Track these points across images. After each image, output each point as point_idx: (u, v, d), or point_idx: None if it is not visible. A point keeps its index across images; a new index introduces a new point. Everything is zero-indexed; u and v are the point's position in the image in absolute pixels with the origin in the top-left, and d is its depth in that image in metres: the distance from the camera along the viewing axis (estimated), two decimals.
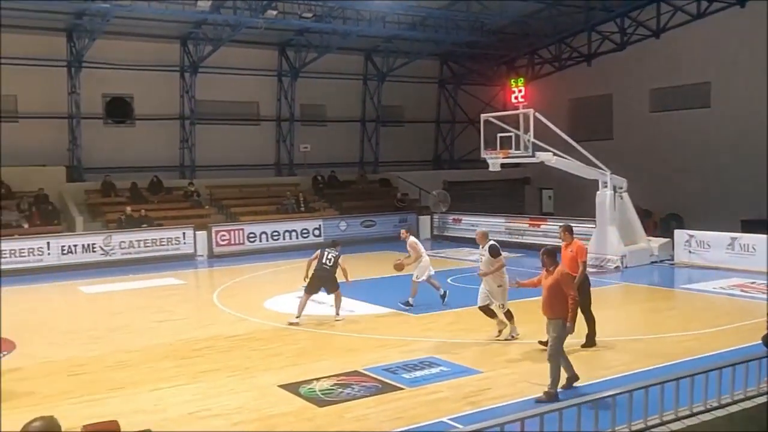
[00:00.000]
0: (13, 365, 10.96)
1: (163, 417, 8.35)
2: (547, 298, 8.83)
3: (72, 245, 22.49)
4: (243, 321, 13.88)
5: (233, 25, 26.05)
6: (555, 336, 8.68)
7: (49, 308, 16.65)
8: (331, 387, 9.35)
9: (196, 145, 29.59)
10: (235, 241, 25.13)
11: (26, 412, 7.09)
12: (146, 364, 10.87)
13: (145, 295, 17.54)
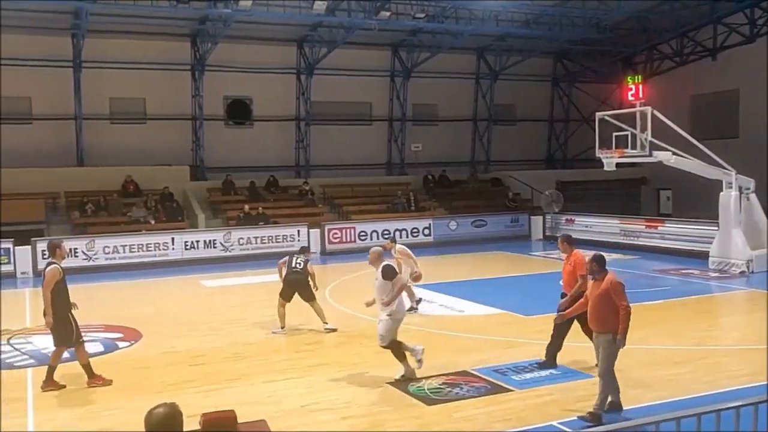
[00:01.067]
0: (139, 354, 11.62)
1: (277, 408, 8.62)
2: (595, 310, 8.10)
3: (194, 241, 23.55)
4: (354, 317, 14.10)
5: (347, 27, 26.55)
6: (607, 353, 7.95)
7: (173, 300, 17.51)
8: (439, 386, 9.37)
9: (311, 145, 30.35)
10: (346, 239, 25.58)
11: (150, 399, 7.49)
12: (261, 356, 11.24)
13: (260, 289, 18.11)
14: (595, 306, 8.12)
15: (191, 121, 28.57)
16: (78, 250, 21.99)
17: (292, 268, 13.08)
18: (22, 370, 10.82)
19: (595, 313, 8.11)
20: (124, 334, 13.04)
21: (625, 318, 7.84)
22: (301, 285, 12.96)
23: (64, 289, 9.70)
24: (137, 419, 4.01)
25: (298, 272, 13.00)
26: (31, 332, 13.36)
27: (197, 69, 28.03)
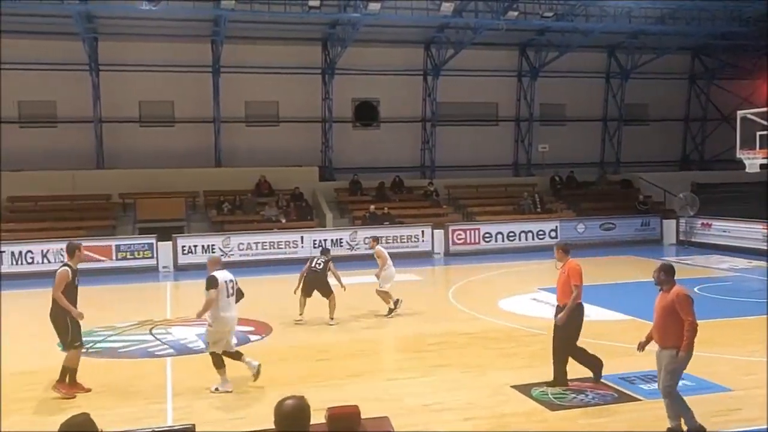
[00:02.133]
0: (269, 348, 12.11)
1: (399, 406, 8.75)
2: (660, 322, 7.60)
3: (322, 239, 24.18)
4: (477, 319, 14.08)
5: (475, 28, 26.45)
6: (669, 370, 7.48)
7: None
8: (563, 392, 9.22)
9: (437, 146, 30.47)
10: (471, 241, 25.50)
11: (279, 391, 7.81)
12: (384, 354, 11.46)
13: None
14: (659, 319, 7.65)
15: (321, 123, 29.40)
16: (215, 247, 23.15)
17: (311, 267, 14.28)
18: (163, 359, 11.52)
19: (659, 326, 7.64)
20: (255, 327, 13.62)
21: (690, 333, 7.36)
22: (319, 283, 14.07)
23: (73, 291, 9.77)
24: (267, 410, 4.21)
25: (316, 271, 14.16)
26: (171, 323, 14.21)
27: (327, 72, 28.81)
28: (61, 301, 9.54)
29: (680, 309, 7.42)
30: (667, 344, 7.53)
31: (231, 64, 27.32)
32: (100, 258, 22.16)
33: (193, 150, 27.69)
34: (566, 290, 9.39)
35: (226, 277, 9.98)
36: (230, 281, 9.96)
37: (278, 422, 4.13)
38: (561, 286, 9.50)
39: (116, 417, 8.19)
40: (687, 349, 7.41)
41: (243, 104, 28.62)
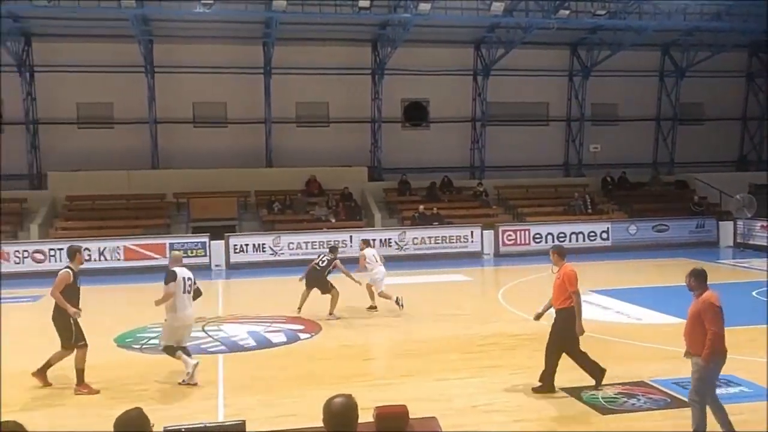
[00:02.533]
0: (318, 346, 12.22)
1: (448, 406, 8.74)
2: (689, 328, 7.45)
3: (371, 239, 24.20)
4: (527, 321, 13.93)
5: (525, 28, 26.23)
6: (695, 377, 7.35)
7: (350, 296, 18.16)
8: (614, 396, 9.08)
9: (486, 146, 30.30)
10: (520, 241, 25.30)
11: (327, 389, 7.88)
12: (433, 354, 11.43)
13: (434, 289, 18.42)
14: (687, 325, 7.51)
15: (370, 124, 29.52)
16: (265, 246, 23.46)
17: (314, 264, 15.00)
18: (214, 355, 11.72)
19: (688, 332, 7.50)
20: (305, 326, 13.76)
21: (711, 343, 7.15)
22: (318, 280, 14.69)
23: (74, 292, 9.91)
24: (316, 408, 4.26)
25: (317, 269, 14.81)
26: (223, 320, 14.44)
27: (377, 73, 28.91)
28: (60, 301, 9.74)
29: (704, 317, 7.26)
30: (695, 351, 7.38)
31: (282, 66, 27.63)
32: (154, 256, 22.66)
33: (245, 150, 28.10)
34: (560, 295, 9.34)
35: (185, 274, 10.13)
36: (188, 279, 10.11)
37: (327, 420, 4.17)
38: (556, 291, 9.44)
39: (168, 412, 8.37)
40: (707, 359, 7.21)
41: (294, 105, 28.93)
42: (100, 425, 7.66)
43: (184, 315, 10.03)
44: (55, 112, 27.19)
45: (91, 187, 26.07)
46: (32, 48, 26.70)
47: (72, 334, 9.84)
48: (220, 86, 27.74)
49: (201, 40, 26.90)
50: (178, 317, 9.98)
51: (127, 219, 25.37)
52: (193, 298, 10.21)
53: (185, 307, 10.03)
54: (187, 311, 10.09)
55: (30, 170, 27.18)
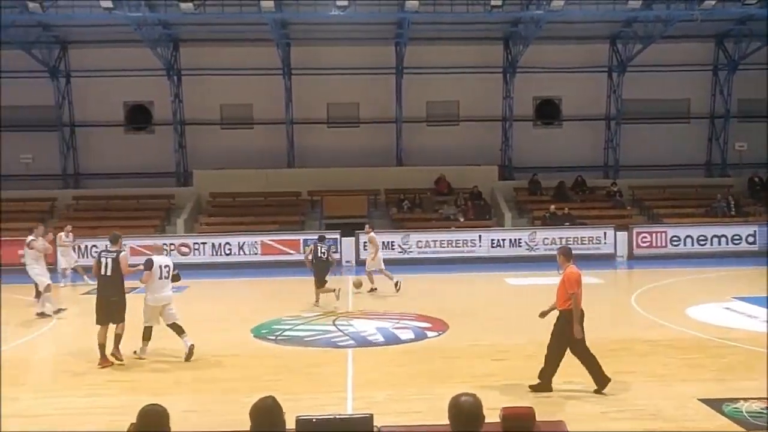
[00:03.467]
0: (446, 345, 12.28)
1: (577, 411, 8.56)
2: None
3: (500, 239, 24.13)
4: (662, 327, 13.41)
5: (666, 20, 25.13)
6: None
7: (478, 296, 18.14)
8: (761, 410, 8.54)
9: (621, 145, 29.30)
10: (656, 244, 24.30)
11: (455, 388, 7.90)
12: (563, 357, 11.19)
13: None
14: None
15: (501, 122, 29.26)
16: (394, 244, 23.79)
17: (318, 255, 16.03)
18: (344, 349, 12.02)
19: None
20: (432, 324, 13.85)
21: None
22: (324, 269, 15.96)
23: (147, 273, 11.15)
24: (443, 405, 4.32)
25: (322, 260, 16.01)
26: (352, 316, 14.79)
27: (509, 71, 28.63)
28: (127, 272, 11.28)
29: None
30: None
31: (413, 65, 27.91)
32: (289, 251, 23.52)
33: (376, 149, 28.61)
34: (562, 296, 9.38)
35: (163, 261, 11.39)
36: (166, 266, 11.34)
37: (453, 419, 4.22)
38: (558, 292, 9.47)
39: (299, 402, 8.67)
40: None
41: (424, 104, 29.16)
42: (238, 411, 8.07)
43: (160, 296, 11.25)
44: (200, 113, 28.81)
45: (232, 184, 27.44)
46: (179, 53, 28.39)
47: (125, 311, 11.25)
48: (352, 87, 28.41)
49: (335, 42, 27.63)
50: (154, 298, 11.24)
51: (265, 215, 26.46)
52: (171, 281, 11.41)
53: (162, 290, 11.26)
54: (164, 293, 11.31)
55: (177, 168, 28.97)
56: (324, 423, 4.81)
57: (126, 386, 9.91)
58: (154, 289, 11.22)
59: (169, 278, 11.38)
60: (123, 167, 28.53)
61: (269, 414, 4.31)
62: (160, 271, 11.22)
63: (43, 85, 28.21)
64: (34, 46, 26.60)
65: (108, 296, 11.12)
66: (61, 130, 28.76)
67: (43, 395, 9.54)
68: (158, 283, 11.20)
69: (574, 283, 9.26)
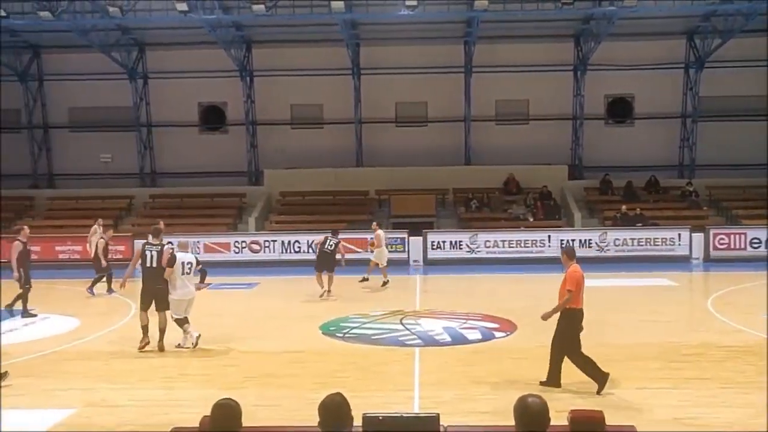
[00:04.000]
0: (514, 345, 12.18)
1: (648, 418, 8.36)
2: None
3: (570, 239, 23.70)
4: (739, 332, 12.98)
5: (747, 14, 24.22)
6: None
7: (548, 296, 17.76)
8: None
9: (697, 144, 28.44)
10: (735, 246, 23.50)
11: (523, 389, 7.85)
12: (633, 361, 10.97)
13: (635, 293, 17.64)
14: None
15: (571, 121, 28.79)
16: (462, 243, 23.71)
17: (324, 248, 17.33)
18: (411, 348, 12.05)
19: None
20: (500, 324, 13.76)
21: None
22: (329, 261, 17.20)
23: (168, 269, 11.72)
24: (510, 407, 4.30)
25: (327, 252, 17.24)
26: (419, 315, 14.81)
27: (579, 69, 28.15)
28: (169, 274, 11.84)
29: None
30: None
31: (482, 64, 27.75)
32: (357, 249, 23.68)
33: (444, 148, 28.57)
34: (561, 294, 9.49)
35: (185, 258, 11.83)
36: (188, 263, 11.79)
37: (519, 420, 4.20)
38: (560, 290, 9.56)
39: (366, 400, 8.75)
40: None
41: (493, 103, 28.97)
42: (305, 407, 8.21)
43: (183, 292, 11.72)
44: (271, 113, 29.33)
45: (302, 183, 27.85)
46: (252, 54, 28.96)
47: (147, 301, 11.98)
48: (421, 86, 28.44)
49: (404, 42, 27.71)
50: (177, 293, 11.71)
51: (333, 214, 26.74)
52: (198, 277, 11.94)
53: (184, 286, 11.73)
54: (186, 289, 11.77)
55: (249, 167, 29.56)
56: (390, 421, 4.84)
57: (198, 380, 10.18)
58: (177, 285, 11.70)
59: (191, 274, 11.83)
60: (197, 166, 29.33)
61: (337, 410, 4.36)
62: (182, 268, 11.71)
63: (122, 86, 29.22)
64: (113, 49, 27.55)
65: (154, 285, 11.82)
66: (139, 131, 29.72)
67: (119, 386, 9.89)
68: (180, 280, 11.70)
69: (572, 281, 9.38)
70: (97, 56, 27.41)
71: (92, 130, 29.87)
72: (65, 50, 28.57)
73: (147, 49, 29.24)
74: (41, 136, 30.35)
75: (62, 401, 9.22)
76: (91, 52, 27.23)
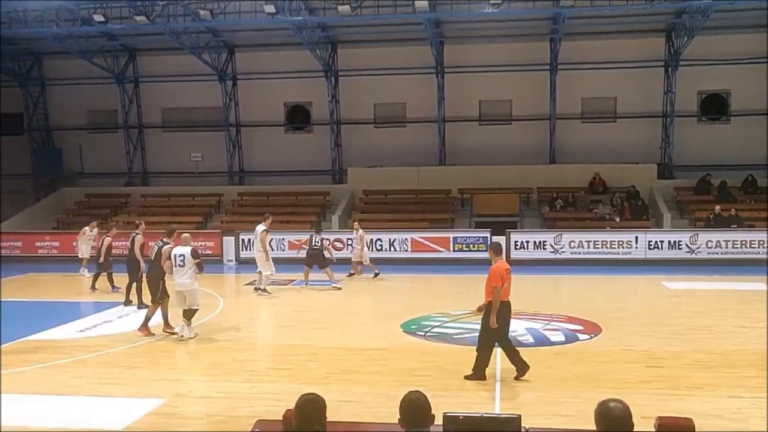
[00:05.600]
0: (598, 348, 11.93)
1: (743, 427, 8.06)
2: None
3: (658, 241, 23.04)
4: None
5: None
6: None
7: (634, 299, 17.45)
8: None
9: None
10: None
11: (606, 392, 7.69)
12: (727, 368, 10.57)
13: (729, 297, 16.96)
14: None
15: (661, 119, 27.92)
16: (546, 243, 23.35)
17: (312, 245, 18.60)
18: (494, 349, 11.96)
19: None
20: (584, 326, 13.50)
21: None
22: (318, 258, 18.43)
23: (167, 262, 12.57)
24: (592, 410, 4.23)
25: (316, 249, 18.54)
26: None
27: (670, 64, 27.25)
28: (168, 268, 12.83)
29: None
30: None
31: (567, 61, 27.25)
32: (439, 248, 23.70)
33: (529, 147, 28.20)
34: (486, 289, 9.84)
35: (178, 251, 12.48)
36: (179, 255, 12.42)
37: (600, 423, 4.13)
38: (486, 286, 9.88)
39: (446, 399, 8.75)
40: None
41: (579, 101, 28.39)
42: (386, 404, 8.29)
43: (176, 282, 12.48)
44: (355, 112, 29.65)
45: (385, 182, 28.02)
46: (337, 54, 29.34)
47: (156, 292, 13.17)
48: (505, 84, 28.18)
49: (488, 40, 27.49)
50: (175, 286, 12.55)
51: (415, 213, 26.79)
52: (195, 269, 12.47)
53: (176, 276, 12.49)
54: (178, 280, 12.47)
55: (333, 166, 29.97)
56: (471, 421, 4.84)
57: (282, 374, 10.41)
58: (173, 276, 12.59)
59: (185, 266, 12.38)
60: (283, 165, 29.96)
61: (418, 409, 4.39)
62: (175, 260, 12.42)
63: (213, 87, 30.12)
64: (204, 51, 28.42)
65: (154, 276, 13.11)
66: (228, 130, 30.55)
67: (206, 378, 10.22)
68: (176, 270, 12.47)
69: (496, 277, 9.71)
70: (188, 58, 28.35)
71: (184, 130, 30.95)
72: (159, 53, 29.70)
73: (236, 51, 30.03)
74: (136, 135, 31.61)
75: (153, 391, 9.61)
76: (183, 55, 28.19)
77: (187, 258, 12.39)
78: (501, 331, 9.87)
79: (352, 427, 5.87)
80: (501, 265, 9.94)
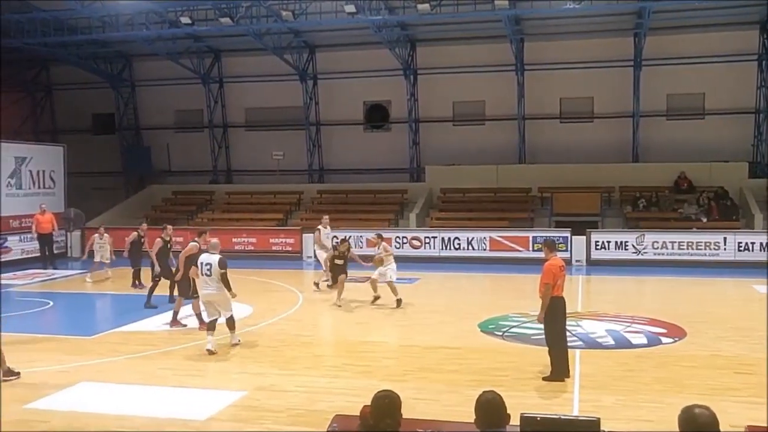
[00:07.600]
0: (682, 352, 11.60)
1: None
2: None
3: (749, 242, 22.16)
4: None
5: None
6: None
7: (721, 302, 16.86)
8: None
9: None
10: None
11: (690, 398, 7.51)
12: None
13: None
14: None
15: (754, 115, 26.82)
16: (628, 244, 22.80)
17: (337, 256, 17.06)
18: (572, 350, 11.78)
19: None
20: (668, 330, 13.15)
21: None
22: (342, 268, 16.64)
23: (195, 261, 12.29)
24: (675, 417, 4.15)
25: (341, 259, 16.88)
26: (581, 316, 14.44)
27: (765, 58, 26.16)
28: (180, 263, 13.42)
29: None
30: None
31: (653, 57, 26.50)
32: (518, 248, 23.46)
33: (611, 145, 27.59)
34: (540, 289, 9.80)
35: (204, 260, 11.80)
36: (206, 264, 11.71)
37: (685, 429, 4.05)
38: (538, 286, 9.88)
39: (524, 400, 8.70)
40: None
41: (664, 97, 27.58)
42: (462, 403, 8.29)
43: (202, 293, 11.99)
44: (433, 110, 29.66)
45: (463, 180, 27.92)
46: (416, 53, 29.41)
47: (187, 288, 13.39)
48: (587, 81, 27.62)
49: (569, 36, 27.01)
50: (201, 296, 12.20)
51: (494, 211, 26.58)
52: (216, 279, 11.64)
53: (203, 289, 11.91)
54: (204, 291, 11.92)
55: (411, 164, 30.06)
56: (549, 422, 4.82)
57: (360, 370, 10.55)
58: (199, 286, 12.31)
59: (212, 276, 11.53)
60: (361, 163, 30.24)
61: (494, 408, 4.41)
62: (201, 268, 11.78)
63: (294, 87, 30.67)
64: (285, 51, 28.96)
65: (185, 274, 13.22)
66: (308, 129, 31.05)
67: (287, 372, 10.45)
68: (201, 281, 12.03)
69: (547, 274, 9.71)
70: (270, 59, 28.95)
71: (266, 129, 31.65)
72: (242, 53, 30.44)
73: (317, 51, 30.47)
74: (221, 134, 32.50)
75: (235, 384, 9.91)
76: (266, 55, 28.81)
77: (213, 268, 11.55)
78: (560, 327, 9.87)
79: (428, 425, 5.92)
80: (555, 261, 9.95)
